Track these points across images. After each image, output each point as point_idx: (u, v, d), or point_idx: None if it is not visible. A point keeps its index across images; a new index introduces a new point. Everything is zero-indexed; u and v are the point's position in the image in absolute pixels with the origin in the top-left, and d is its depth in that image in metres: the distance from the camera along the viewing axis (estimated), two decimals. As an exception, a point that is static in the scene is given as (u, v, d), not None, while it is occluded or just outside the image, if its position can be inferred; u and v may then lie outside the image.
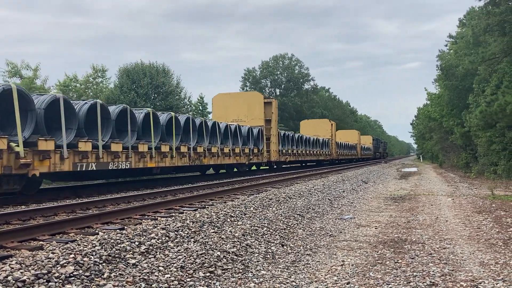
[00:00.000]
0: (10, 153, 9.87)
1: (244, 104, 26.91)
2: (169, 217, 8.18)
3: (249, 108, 26.72)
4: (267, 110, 27.07)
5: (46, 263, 4.84)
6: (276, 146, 27.61)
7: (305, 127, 46.21)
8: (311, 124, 47.21)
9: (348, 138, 56.86)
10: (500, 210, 11.20)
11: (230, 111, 26.65)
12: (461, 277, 5.64)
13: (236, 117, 26.20)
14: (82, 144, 11.89)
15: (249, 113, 26.69)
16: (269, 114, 27.02)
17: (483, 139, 25.24)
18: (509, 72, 20.46)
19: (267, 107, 27.19)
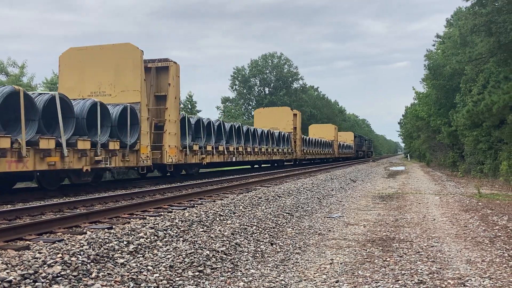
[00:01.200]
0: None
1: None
2: (158, 216, 8.14)
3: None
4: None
5: (33, 263, 4.79)
6: None
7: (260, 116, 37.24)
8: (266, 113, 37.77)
9: (322, 134, 49.14)
10: (486, 208, 11.33)
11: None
12: (449, 275, 5.69)
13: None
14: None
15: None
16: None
17: (470, 138, 25.54)
18: (495, 72, 20.70)
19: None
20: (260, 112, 37.97)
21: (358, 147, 70.99)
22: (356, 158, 67.49)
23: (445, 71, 28.70)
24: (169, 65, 17.41)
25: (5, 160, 10.03)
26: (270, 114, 36.64)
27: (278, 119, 35.37)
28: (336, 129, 49.48)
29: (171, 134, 16.95)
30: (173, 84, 17.43)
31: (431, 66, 32.05)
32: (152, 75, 17.40)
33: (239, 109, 69.50)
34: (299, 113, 35.78)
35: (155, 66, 17.50)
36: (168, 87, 17.28)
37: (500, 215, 10.16)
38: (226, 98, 73.03)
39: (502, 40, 18.04)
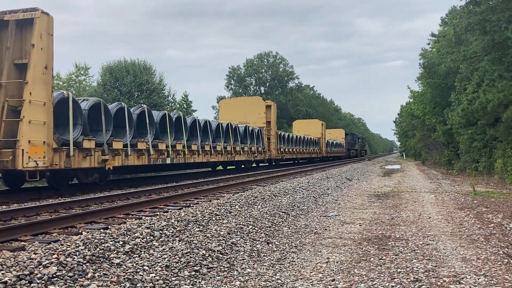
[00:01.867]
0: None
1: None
2: (154, 216, 8.13)
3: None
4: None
5: (28, 264, 4.77)
6: None
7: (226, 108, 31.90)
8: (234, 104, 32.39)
9: (308, 131, 45.01)
10: (481, 206, 11.37)
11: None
12: (444, 273, 5.71)
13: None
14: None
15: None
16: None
17: (465, 136, 25.63)
18: (490, 70, 20.78)
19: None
20: (226, 103, 32.00)
21: (350, 145, 66.34)
22: (348, 157, 63.09)
23: (440, 69, 28.79)
24: (34, 17, 11.56)
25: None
26: (238, 105, 30.56)
27: (247, 111, 29.78)
28: (323, 126, 45.32)
29: (34, 124, 11.13)
30: (40, 46, 11.52)
31: (426, 65, 32.14)
32: (9, 33, 11.61)
33: (234, 109, 69.44)
34: (274, 105, 30.59)
35: (15, 19, 11.65)
36: (32, 50, 11.39)
37: (495, 213, 10.20)
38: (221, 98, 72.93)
39: (496, 39, 18.11)
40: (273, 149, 29.76)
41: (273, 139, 29.88)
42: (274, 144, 30.01)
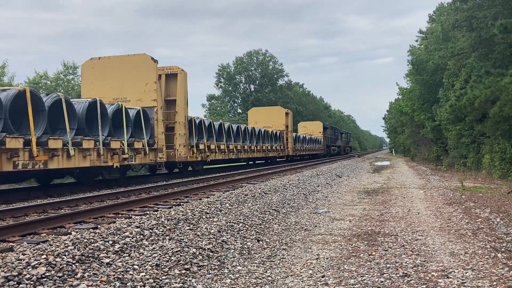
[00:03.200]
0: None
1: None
2: (144, 215, 8.10)
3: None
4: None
5: (16, 264, 4.74)
6: None
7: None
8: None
9: (267, 122, 35.65)
10: (469, 201, 11.50)
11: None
12: (433, 268, 5.77)
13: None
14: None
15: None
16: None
17: (453, 132, 25.86)
18: (477, 66, 20.97)
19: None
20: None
21: (330, 141, 56.45)
22: (327, 155, 53.25)
23: (428, 66, 29.01)
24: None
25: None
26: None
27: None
28: (289, 116, 36.56)
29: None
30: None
31: (414, 62, 32.36)
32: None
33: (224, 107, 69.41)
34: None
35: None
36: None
37: (483, 207, 10.32)
38: (211, 96, 72.86)
39: (483, 35, 18.28)
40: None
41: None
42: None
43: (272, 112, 37.32)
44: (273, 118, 36.13)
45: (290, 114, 37.75)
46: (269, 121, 35.69)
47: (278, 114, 36.67)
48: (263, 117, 36.42)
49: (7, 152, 10.09)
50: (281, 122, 36.14)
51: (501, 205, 10.73)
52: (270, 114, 36.68)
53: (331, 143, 57.79)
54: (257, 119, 36.70)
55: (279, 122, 36.10)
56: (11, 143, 10.19)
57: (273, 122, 35.78)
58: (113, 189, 13.40)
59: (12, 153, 10.15)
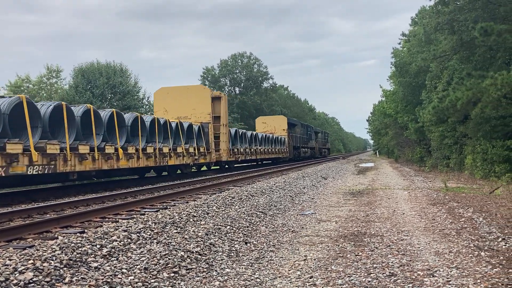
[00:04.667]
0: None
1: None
2: (131, 219, 8.08)
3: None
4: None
5: (3, 270, 4.70)
6: None
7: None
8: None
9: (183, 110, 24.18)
10: (453, 201, 11.68)
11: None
12: (418, 267, 5.87)
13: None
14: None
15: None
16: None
17: (436, 134, 26.22)
18: (459, 69, 21.33)
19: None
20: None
21: (299, 141, 45.95)
22: (295, 159, 43.45)
23: (411, 68, 29.38)
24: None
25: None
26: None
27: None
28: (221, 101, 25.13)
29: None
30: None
31: (398, 64, 32.77)
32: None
33: (209, 110, 69.22)
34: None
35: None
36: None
37: (466, 207, 10.50)
38: (196, 99, 72.68)
39: (464, 38, 18.61)
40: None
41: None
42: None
43: (189, 94, 24.03)
44: (191, 104, 23.75)
45: (224, 100, 25.46)
46: (186, 109, 23.82)
47: (199, 98, 23.91)
48: (177, 103, 23.84)
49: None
50: (204, 110, 23.80)
51: (484, 204, 10.94)
52: (187, 97, 23.82)
53: (302, 143, 47.19)
54: (167, 105, 24.10)
55: (201, 110, 23.82)
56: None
57: (192, 110, 23.77)
58: (98, 193, 13.31)
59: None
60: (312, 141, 53.76)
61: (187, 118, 23.57)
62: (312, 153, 53.11)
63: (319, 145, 59.96)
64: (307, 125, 53.82)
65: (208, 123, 23.78)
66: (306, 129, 51.07)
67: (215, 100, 25.32)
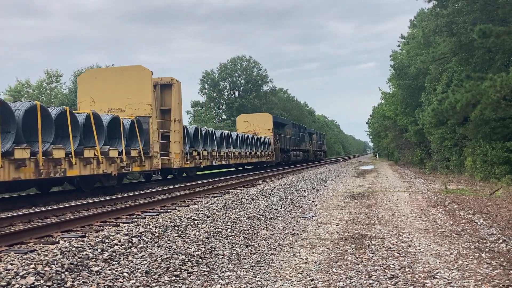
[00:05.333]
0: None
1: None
2: (131, 223, 8.08)
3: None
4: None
5: (5, 274, 4.70)
6: None
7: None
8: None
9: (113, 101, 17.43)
10: (453, 203, 11.69)
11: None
12: (419, 269, 5.88)
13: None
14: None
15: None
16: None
17: (436, 136, 26.25)
18: (458, 71, 21.38)
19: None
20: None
21: (288, 143, 40.15)
22: (282, 163, 38.30)
23: (410, 71, 29.44)
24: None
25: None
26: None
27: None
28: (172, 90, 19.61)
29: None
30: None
31: (397, 67, 32.84)
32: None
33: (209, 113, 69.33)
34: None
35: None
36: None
37: (466, 209, 10.51)
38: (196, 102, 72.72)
39: (463, 40, 18.66)
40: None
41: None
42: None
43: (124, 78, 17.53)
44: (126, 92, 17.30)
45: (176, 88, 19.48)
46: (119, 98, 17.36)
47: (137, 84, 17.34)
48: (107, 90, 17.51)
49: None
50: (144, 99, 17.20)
51: (484, 206, 10.94)
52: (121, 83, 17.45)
53: (293, 146, 41.96)
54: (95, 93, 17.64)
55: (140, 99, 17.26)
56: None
57: (127, 100, 17.30)
58: (99, 198, 13.30)
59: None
60: (305, 143, 48.64)
61: (120, 110, 16.93)
62: (305, 157, 47.83)
63: (314, 148, 55.07)
64: (299, 125, 48.43)
65: (148, 117, 16.86)
66: (298, 130, 46.06)
67: (165, 89, 19.48)
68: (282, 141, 37.80)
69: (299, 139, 45.06)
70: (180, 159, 19.19)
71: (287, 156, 39.36)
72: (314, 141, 56.44)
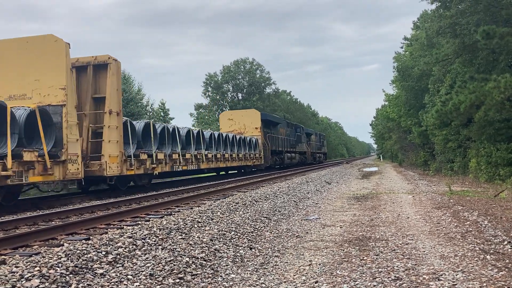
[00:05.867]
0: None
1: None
2: (135, 225, 8.10)
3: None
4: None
5: (10, 277, 4.72)
6: None
7: None
8: None
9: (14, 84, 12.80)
10: (457, 205, 11.65)
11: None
12: (424, 271, 5.86)
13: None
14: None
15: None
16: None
17: (440, 137, 26.19)
18: (462, 72, 21.33)
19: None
20: None
21: (284, 144, 36.36)
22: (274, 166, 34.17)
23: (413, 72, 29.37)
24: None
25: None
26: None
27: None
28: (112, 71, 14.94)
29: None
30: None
31: (400, 68, 32.80)
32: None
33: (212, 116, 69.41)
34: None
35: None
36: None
37: (471, 211, 10.48)
38: (199, 105, 72.83)
39: (466, 41, 18.63)
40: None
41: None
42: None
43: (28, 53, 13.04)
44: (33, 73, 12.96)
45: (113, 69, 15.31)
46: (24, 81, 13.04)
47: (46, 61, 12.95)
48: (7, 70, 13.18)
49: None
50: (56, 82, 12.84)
51: (488, 208, 10.91)
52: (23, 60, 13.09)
53: (287, 147, 37.52)
54: None
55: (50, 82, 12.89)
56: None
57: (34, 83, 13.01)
58: (103, 200, 13.34)
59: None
60: (302, 144, 43.78)
61: (25, 97, 12.91)
62: (302, 159, 43.43)
63: (312, 149, 49.94)
64: (295, 125, 43.45)
65: (60, 105, 12.50)
66: (294, 130, 41.45)
67: (100, 71, 15.21)
68: (273, 142, 33.67)
69: (295, 140, 40.86)
70: (118, 164, 14.76)
71: (280, 158, 35.30)
72: (313, 142, 52.11)
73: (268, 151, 31.79)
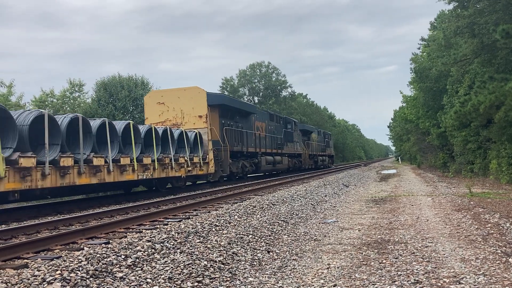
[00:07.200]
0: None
1: None
2: (154, 229, 8.17)
3: None
4: None
5: (32, 280, 4.81)
6: None
7: None
8: None
9: None
10: (478, 207, 11.47)
11: None
12: (444, 274, 5.78)
13: None
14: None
15: None
16: None
17: (459, 138, 25.85)
18: (480, 72, 21.03)
19: None
20: None
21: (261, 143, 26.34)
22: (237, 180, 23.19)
23: (431, 73, 29.08)
24: None
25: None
26: None
27: None
28: None
29: None
30: None
31: (417, 69, 32.45)
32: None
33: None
34: None
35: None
36: None
37: (492, 213, 10.30)
38: (216, 109, 73.13)
39: (485, 41, 18.36)
40: None
41: None
42: None
43: None
44: None
45: None
46: None
47: None
48: None
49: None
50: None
51: (510, 210, 10.72)
52: None
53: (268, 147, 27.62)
54: None
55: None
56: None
57: None
58: (122, 204, 13.48)
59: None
60: (293, 144, 33.54)
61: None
62: (295, 164, 33.93)
63: (312, 151, 40.11)
64: (285, 118, 33.68)
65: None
66: (282, 124, 31.54)
67: None
68: (238, 138, 23.29)
69: (282, 138, 30.49)
70: None
71: (253, 164, 25.00)
72: (314, 141, 41.45)
73: (226, 153, 21.44)
